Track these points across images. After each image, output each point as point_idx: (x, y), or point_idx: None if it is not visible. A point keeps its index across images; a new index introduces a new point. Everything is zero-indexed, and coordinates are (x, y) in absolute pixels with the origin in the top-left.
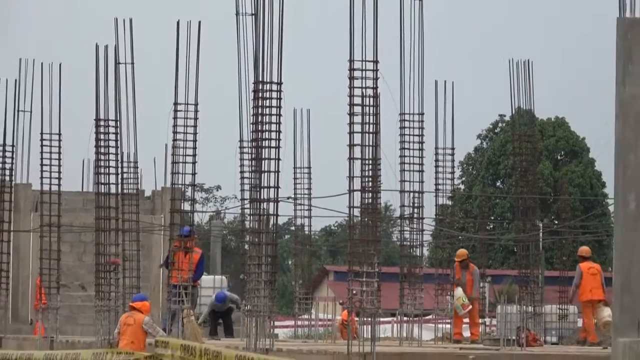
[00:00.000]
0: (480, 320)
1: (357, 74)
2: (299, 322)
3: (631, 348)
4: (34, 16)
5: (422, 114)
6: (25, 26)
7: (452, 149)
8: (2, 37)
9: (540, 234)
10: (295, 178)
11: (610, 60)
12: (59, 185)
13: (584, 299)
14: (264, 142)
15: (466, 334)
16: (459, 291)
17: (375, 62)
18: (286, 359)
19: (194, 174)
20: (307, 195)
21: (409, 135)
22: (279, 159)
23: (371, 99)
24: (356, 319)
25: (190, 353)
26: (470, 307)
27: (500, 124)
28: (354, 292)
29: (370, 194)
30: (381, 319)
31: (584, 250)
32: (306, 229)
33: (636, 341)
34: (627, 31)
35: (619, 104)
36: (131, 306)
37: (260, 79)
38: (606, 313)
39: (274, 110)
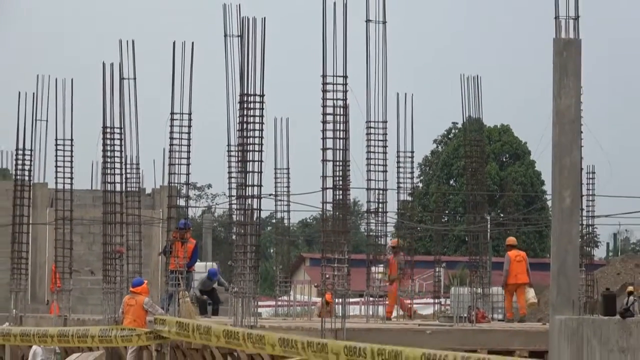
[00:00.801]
0: (409, 301)
1: (329, 87)
2: (279, 303)
3: (566, 324)
4: (50, 32)
5: (386, 121)
6: (41, 44)
7: (412, 152)
8: (24, 54)
9: (488, 226)
10: (275, 177)
11: (549, 74)
12: (71, 184)
13: (511, 282)
14: (248, 146)
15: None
16: (380, 269)
17: (345, 77)
18: (265, 332)
19: (188, 174)
20: (286, 193)
21: (374, 140)
22: (261, 161)
23: (341, 109)
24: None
25: (184, 329)
26: (388, 284)
27: (453, 130)
28: (327, 276)
29: (340, 191)
30: (350, 299)
31: (511, 240)
32: (285, 221)
33: (570, 318)
34: (563, 50)
35: (555, 113)
36: (132, 290)
37: (245, 92)
38: (530, 295)
39: (257, 119)
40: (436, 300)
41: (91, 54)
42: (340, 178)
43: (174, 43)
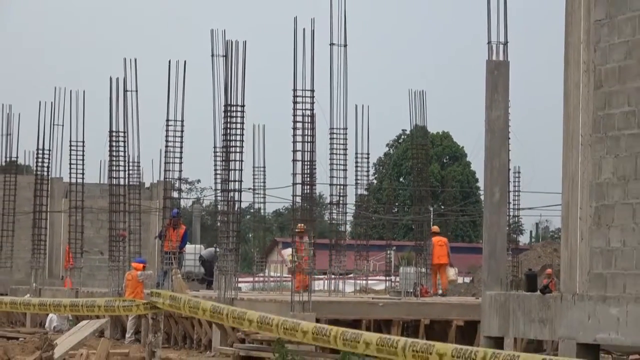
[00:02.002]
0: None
1: (298, 99)
2: (256, 279)
3: (495, 299)
4: (65, 48)
5: (346, 128)
6: (56, 58)
7: (368, 154)
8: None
9: (431, 216)
10: (254, 174)
11: (482, 89)
12: (83, 178)
13: (434, 263)
14: (231, 148)
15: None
16: (288, 250)
17: (312, 90)
18: (246, 310)
19: (180, 170)
20: (262, 187)
21: (337, 143)
22: (242, 160)
23: (308, 117)
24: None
25: (177, 302)
26: (296, 262)
27: (402, 136)
28: (297, 257)
29: (308, 186)
30: (315, 277)
31: (434, 228)
32: (262, 211)
33: (499, 293)
34: (494, 70)
35: (487, 122)
36: (133, 266)
37: (229, 102)
38: (451, 273)
39: (238, 125)
40: (387, 278)
41: (99, 69)
42: (308, 175)
43: (169, 62)
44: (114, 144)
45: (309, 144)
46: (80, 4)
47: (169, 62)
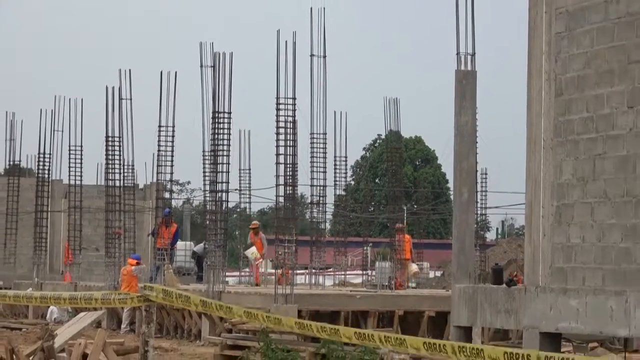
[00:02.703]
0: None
1: (281, 106)
2: (242, 273)
3: (464, 291)
4: (64, 59)
5: (325, 133)
6: (56, 69)
7: (346, 157)
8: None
9: (405, 214)
10: (240, 176)
11: (452, 97)
12: (81, 180)
13: (398, 258)
14: (218, 151)
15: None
16: (252, 249)
17: (294, 98)
18: (233, 305)
19: (171, 173)
20: (248, 188)
21: (317, 147)
22: (229, 163)
23: (290, 123)
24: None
25: (169, 295)
26: (261, 260)
27: (378, 140)
28: (280, 252)
29: (290, 187)
30: (297, 271)
31: (398, 226)
32: (247, 210)
33: (468, 286)
34: (462, 79)
35: (456, 128)
36: (129, 262)
37: (217, 109)
38: (413, 267)
39: (225, 131)
40: (364, 272)
41: (96, 79)
42: (290, 177)
43: (161, 72)
44: (109, 148)
45: (291, 148)
46: (79, 19)
47: (161, 72)
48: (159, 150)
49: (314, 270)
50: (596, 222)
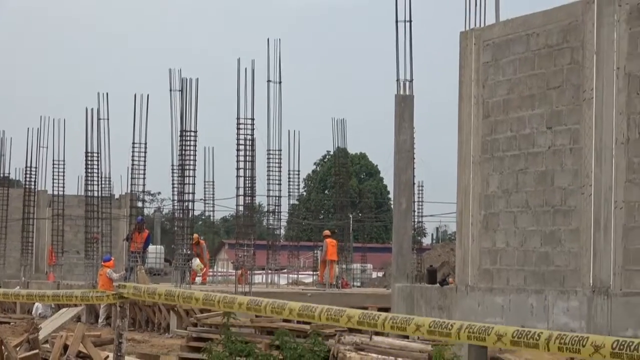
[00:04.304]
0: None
1: (241, 125)
2: (211, 273)
3: (403, 289)
4: (49, 83)
5: (281, 150)
6: (42, 91)
7: (298, 171)
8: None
9: (351, 222)
10: (205, 187)
11: (392, 118)
12: (63, 191)
13: (328, 259)
14: (186, 166)
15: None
16: (196, 260)
17: (252, 119)
18: (194, 291)
19: (144, 184)
20: (212, 198)
21: (273, 162)
22: (194, 176)
23: (249, 141)
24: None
25: (139, 291)
26: (204, 267)
27: (327, 156)
28: (239, 255)
29: (249, 197)
30: (255, 271)
31: (326, 232)
32: (211, 218)
33: (406, 285)
34: (401, 102)
35: (396, 145)
36: (103, 264)
37: (184, 128)
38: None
39: (192, 147)
40: (314, 273)
41: (77, 101)
42: (249, 188)
43: (135, 95)
44: (89, 162)
45: (249, 162)
46: (63, 47)
47: (135, 95)
48: (132, 164)
49: (270, 271)
50: (519, 229)
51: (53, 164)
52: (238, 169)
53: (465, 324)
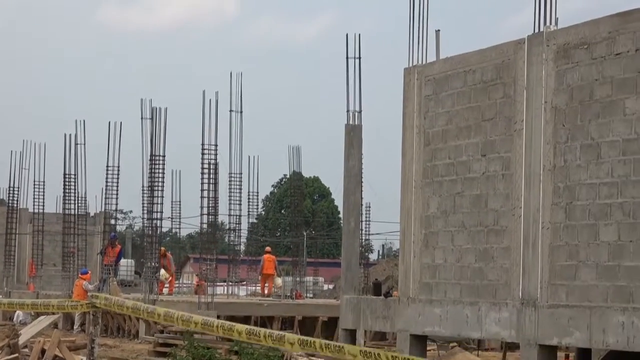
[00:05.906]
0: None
1: (206, 151)
2: (178, 284)
3: (350, 301)
4: (30, 110)
5: (241, 173)
6: (24, 118)
7: (257, 192)
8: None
9: (304, 238)
10: (172, 207)
11: (342, 145)
12: (43, 209)
13: (264, 273)
14: (155, 187)
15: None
16: (162, 272)
17: (216, 145)
18: (157, 307)
19: (116, 204)
20: (178, 216)
21: (234, 184)
22: (163, 196)
23: (213, 165)
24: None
25: (109, 302)
26: (170, 277)
27: (283, 179)
28: (203, 268)
29: (212, 216)
30: (217, 283)
31: (267, 249)
32: (178, 234)
33: (353, 297)
34: (350, 131)
35: (345, 170)
36: (79, 276)
37: (154, 153)
38: (278, 281)
39: (160, 171)
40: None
41: (56, 127)
42: (212, 208)
43: (109, 122)
44: (67, 183)
45: (213, 184)
46: (46, 77)
47: (109, 122)
48: (106, 185)
49: (231, 283)
50: (455, 246)
51: (34, 184)
52: (202, 190)
53: None
